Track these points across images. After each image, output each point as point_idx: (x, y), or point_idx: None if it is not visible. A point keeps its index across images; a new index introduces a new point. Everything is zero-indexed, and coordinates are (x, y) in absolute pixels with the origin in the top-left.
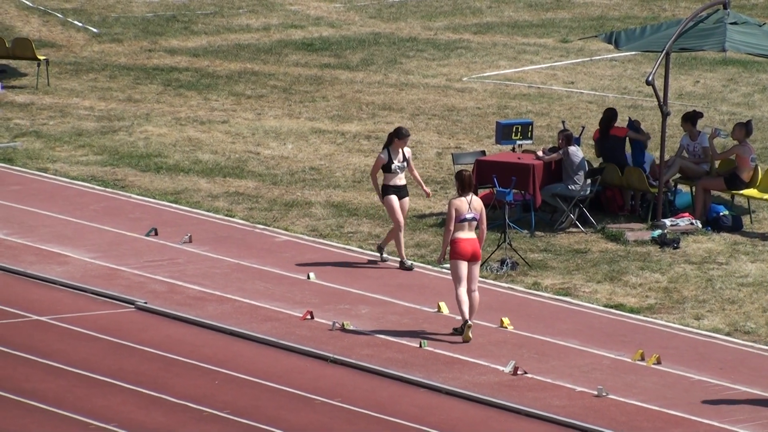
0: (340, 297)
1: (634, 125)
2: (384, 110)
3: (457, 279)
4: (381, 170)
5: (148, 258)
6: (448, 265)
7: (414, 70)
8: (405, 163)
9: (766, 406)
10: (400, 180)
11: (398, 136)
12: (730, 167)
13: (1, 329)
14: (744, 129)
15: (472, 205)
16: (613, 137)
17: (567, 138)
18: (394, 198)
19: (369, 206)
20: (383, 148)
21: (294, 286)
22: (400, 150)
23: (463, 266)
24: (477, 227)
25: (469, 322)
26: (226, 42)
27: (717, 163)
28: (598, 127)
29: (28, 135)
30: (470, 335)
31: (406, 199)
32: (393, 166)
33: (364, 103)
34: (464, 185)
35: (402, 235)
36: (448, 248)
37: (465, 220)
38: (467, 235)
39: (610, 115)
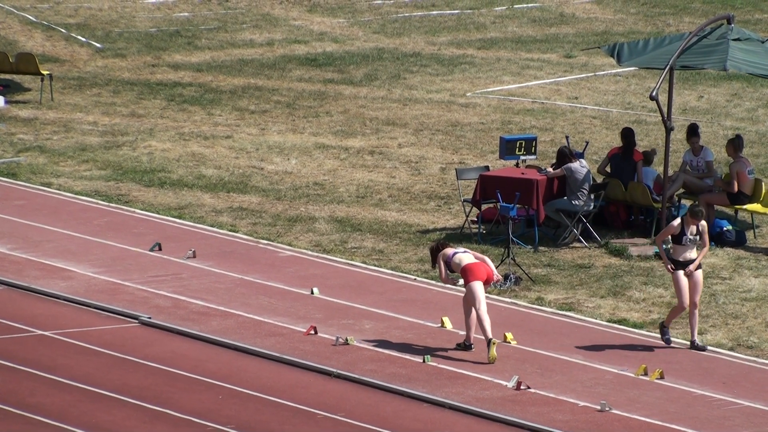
0: (344, 312)
1: (650, 155)
2: (388, 125)
3: (477, 300)
4: (670, 239)
5: (151, 273)
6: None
7: (418, 85)
8: (698, 237)
9: None
10: (691, 253)
11: (691, 214)
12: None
13: (6, 344)
14: (732, 145)
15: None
16: (630, 159)
17: (560, 155)
18: (682, 275)
19: (372, 221)
20: (678, 217)
21: (297, 301)
22: (693, 225)
23: (481, 286)
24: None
25: (494, 340)
26: (230, 57)
27: (749, 188)
28: (621, 145)
29: (31, 150)
30: (495, 353)
31: (699, 271)
32: (684, 239)
33: (368, 118)
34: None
35: (695, 313)
36: (461, 279)
37: (456, 253)
38: (475, 260)
39: (632, 135)
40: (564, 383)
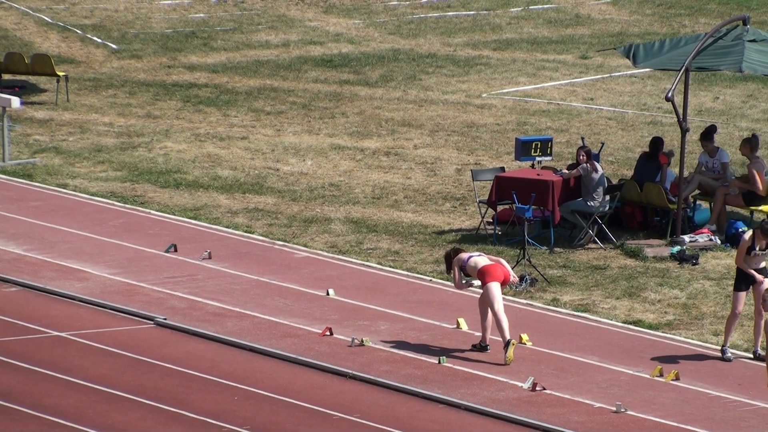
0: (359, 313)
1: (668, 156)
2: (403, 126)
3: (494, 301)
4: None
5: (167, 274)
6: (477, 282)
7: (433, 86)
8: (767, 251)
9: None
10: (761, 263)
11: (763, 233)
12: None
13: (22, 345)
14: (749, 145)
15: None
16: (656, 160)
17: (588, 153)
18: (743, 294)
19: (388, 222)
20: (749, 237)
21: (313, 302)
22: (764, 241)
23: (498, 287)
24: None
25: (513, 341)
26: (246, 58)
27: (765, 189)
28: (648, 150)
29: (47, 151)
30: (512, 354)
31: (766, 281)
32: (753, 252)
33: (384, 119)
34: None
35: (735, 323)
36: (476, 280)
37: (471, 257)
38: (490, 261)
39: (661, 143)
40: (579, 384)
